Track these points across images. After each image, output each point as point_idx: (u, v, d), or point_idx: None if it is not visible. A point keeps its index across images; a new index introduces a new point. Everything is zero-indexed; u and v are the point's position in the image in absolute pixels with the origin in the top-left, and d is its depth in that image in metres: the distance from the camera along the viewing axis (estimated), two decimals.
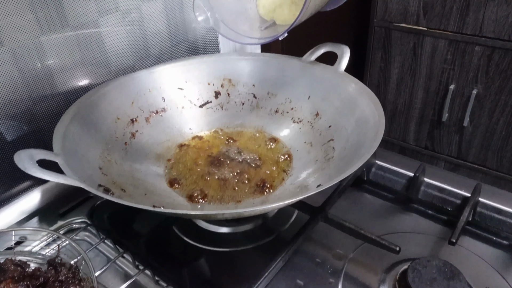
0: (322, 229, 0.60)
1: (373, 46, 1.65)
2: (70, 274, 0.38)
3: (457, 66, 1.49)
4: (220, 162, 0.68)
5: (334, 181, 0.47)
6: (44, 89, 0.66)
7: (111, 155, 0.62)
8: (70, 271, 0.38)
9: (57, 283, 0.37)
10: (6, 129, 0.63)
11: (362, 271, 0.55)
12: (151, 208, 0.44)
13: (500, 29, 1.35)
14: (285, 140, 0.73)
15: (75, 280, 0.37)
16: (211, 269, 0.55)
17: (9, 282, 0.35)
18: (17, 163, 0.44)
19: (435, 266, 0.50)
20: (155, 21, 0.81)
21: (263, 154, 0.71)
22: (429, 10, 1.46)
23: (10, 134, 0.63)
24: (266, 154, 0.71)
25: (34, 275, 0.37)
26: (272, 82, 0.78)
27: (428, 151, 1.72)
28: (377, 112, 0.59)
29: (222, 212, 0.43)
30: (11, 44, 0.60)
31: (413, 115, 1.69)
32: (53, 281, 0.37)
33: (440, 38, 1.48)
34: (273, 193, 0.63)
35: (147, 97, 0.73)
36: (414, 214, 0.64)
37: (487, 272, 0.54)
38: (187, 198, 0.62)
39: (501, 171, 1.57)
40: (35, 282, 0.36)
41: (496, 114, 1.48)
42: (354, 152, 0.58)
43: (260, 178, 0.66)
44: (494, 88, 1.44)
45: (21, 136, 0.65)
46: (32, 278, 0.37)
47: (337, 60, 0.70)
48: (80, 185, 0.44)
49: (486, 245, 0.58)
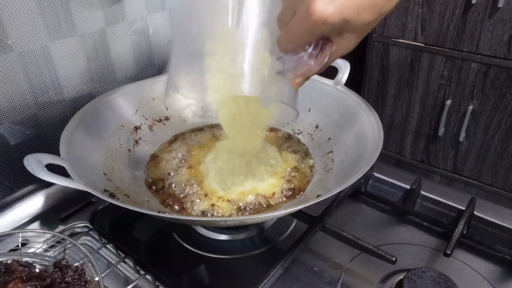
0: (320, 239, 0.61)
1: (371, 60, 1.68)
2: (76, 276, 0.39)
3: (454, 82, 1.51)
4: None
5: (333, 192, 0.49)
6: (49, 95, 0.68)
7: (115, 161, 0.63)
8: (76, 273, 0.39)
9: (64, 284, 0.38)
10: (12, 134, 0.64)
11: (359, 281, 0.56)
12: (156, 214, 0.45)
13: (495, 47, 1.38)
14: None
15: (81, 282, 0.38)
16: (210, 276, 0.56)
17: (18, 281, 0.36)
18: (27, 167, 0.45)
19: (430, 277, 0.51)
20: (159, 31, 0.83)
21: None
22: (426, 27, 1.49)
23: (14, 138, 0.65)
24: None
25: (41, 276, 0.38)
26: None
27: (424, 165, 1.74)
28: (376, 126, 0.61)
29: (225, 219, 0.44)
30: (20, 50, 0.62)
31: (410, 129, 1.71)
32: (60, 283, 0.38)
33: (437, 55, 1.51)
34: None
35: (150, 106, 0.74)
36: (410, 226, 0.66)
37: (481, 285, 0.55)
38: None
39: (496, 186, 1.59)
40: (42, 282, 0.37)
41: (491, 130, 1.50)
42: (353, 164, 0.60)
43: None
44: (489, 104, 1.47)
45: (25, 141, 0.66)
46: (39, 279, 0.38)
47: (337, 74, 0.72)
48: (86, 189, 0.45)
49: (480, 258, 0.60)
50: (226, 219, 0.44)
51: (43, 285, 0.37)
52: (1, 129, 0.62)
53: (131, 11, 0.76)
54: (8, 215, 0.63)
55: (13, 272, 0.38)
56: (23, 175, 0.67)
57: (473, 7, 1.36)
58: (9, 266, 0.39)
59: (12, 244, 0.53)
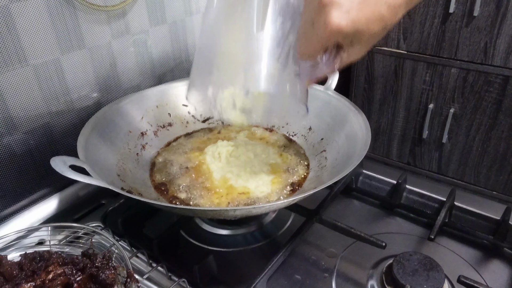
0: (316, 231, 0.67)
1: (357, 68, 1.76)
2: (104, 261, 0.43)
3: (435, 87, 1.59)
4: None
5: (328, 183, 0.55)
6: (60, 104, 0.72)
7: (126, 164, 0.68)
8: (104, 259, 0.44)
9: (94, 268, 0.42)
10: (25, 141, 0.68)
11: (353, 267, 0.62)
12: (170, 205, 0.50)
13: (473, 53, 1.46)
14: None
15: (109, 266, 0.43)
16: (218, 266, 0.61)
17: (56, 265, 0.41)
18: (54, 167, 0.50)
19: (417, 259, 0.57)
20: (161, 43, 0.89)
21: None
22: (408, 35, 1.58)
23: (27, 145, 0.69)
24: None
25: (73, 261, 0.43)
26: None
27: (411, 167, 1.81)
28: (364, 127, 0.67)
29: (234, 209, 0.50)
30: (34, 62, 0.67)
31: (396, 133, 1.78)
32: (90, 267, 0.43)
33: (419, 61, 1.59)
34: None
35: (155, 113, 0.80)
36: (397, 217, 0.72)
37: (462, 266, 0.62)
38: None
39: (478, 186, 1.67)
40: (76, 267, 0.42)
41: (472, 132, 1.59)
42: (344, 161, 0.66)
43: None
44: (469, 107, 1.55)
45: (38, 148, 0.70)
46: (73, 264, 0.42)
47: (327, 81, 0.78)
48: (108, 186, 0.50)
49: (461, 243, 0.66)
50: (235, 208, 0.49)
51: (77, 268, 0.42)
52: (16, 137, 0.67)
53: (135, 25, 0.81)
54: (25, 217, 0.68)
55: (48, 259, 0.43)
56: (38, 180, 0.71)
57: (451, 16, 1.45)
58: (43, 255, 0.44)
59: (36, 238, 0.57)
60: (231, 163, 0.71)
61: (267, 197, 0.65)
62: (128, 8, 0.79)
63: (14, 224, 0.65)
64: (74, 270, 0.41)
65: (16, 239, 0.59)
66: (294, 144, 0.79)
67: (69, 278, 0.41)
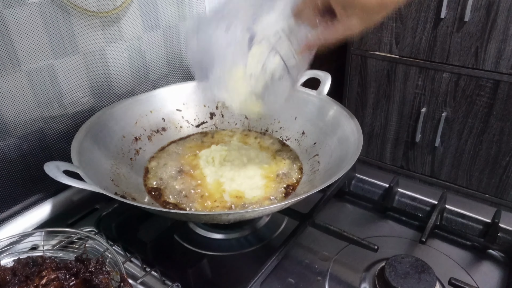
0: (309, 235, 0.68)
1: (350, 72, 1.77)
2: (98, 266, 0.44)
3: (428, 91, 1.61)
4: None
5: (320, 187, 0.55)
6: (53, 109, 0.72)
7: (119, 169, 0.68)
8: (97, 264, 0.44)
9: (88, 273, 0.43)
10: (19, 146, 0.68)
11: (346, 270, 0.63)
12: (164, 209, 0.50)
13: (464, 58, 1.48)
14: None
15: (103, 271, 0.43)
16: (212, 270, 0.61)
17: (50, 270, 0.41)
18: (48, 172, 0.50)
19: (408, 262, 0.58)
20: (154, 48, 0.89)
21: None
22: (400, 40, 1.59)
23: (21, 150, 0.69)
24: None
25: (67, 266, 0.43)
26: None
27: (404, 170, 1.82)
28: (356, 131, 0.68)
29: (227, 213, 0.50)
30: (27, 68, 0.67)
31: (389, 136, 1.80)
32: (84, 272, 0.43)
33: (412, 66, 1.60)
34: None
35: (148, 118, 0.80)
36: (389, 220, 0.73)
37: (453, 268, 0.62)
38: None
39: (471, 189, 1.68)
40: (69, 271, 0.42)
41: (464, 136, 1.60)
42: (337, 165, 0.66)
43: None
44: (461, 111, 1.57)
45: (31, 153, 0.70)
46: (66, 269, 0.42)
47: (320, 85, 0.79)
48: (101, 191, 0.51)
49: (452, 245, 0.67)
50: (228, 212, 0.50)
51: (71, 273, 0.42)
52: (10, 142, 0.67)
53: (128, 31, 0.82)
54: (19, 222, 0.67)
55: (41, 265, 0.43)
56: (32, 185, 0.71)
57: (442, 21, 1.47)
58: (36, 260, 0.44)
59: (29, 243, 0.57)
60: (224, 167, 0.71)
61: (261, 201, 0.66)
62: (122, 14, 0.79)
63: (7, 229, 0.65)
64: (67, 275, 0.41)
65: (9, 244, 0.59)
66: (287, 148, 0.80)
67: (63, 283, 0.42)
